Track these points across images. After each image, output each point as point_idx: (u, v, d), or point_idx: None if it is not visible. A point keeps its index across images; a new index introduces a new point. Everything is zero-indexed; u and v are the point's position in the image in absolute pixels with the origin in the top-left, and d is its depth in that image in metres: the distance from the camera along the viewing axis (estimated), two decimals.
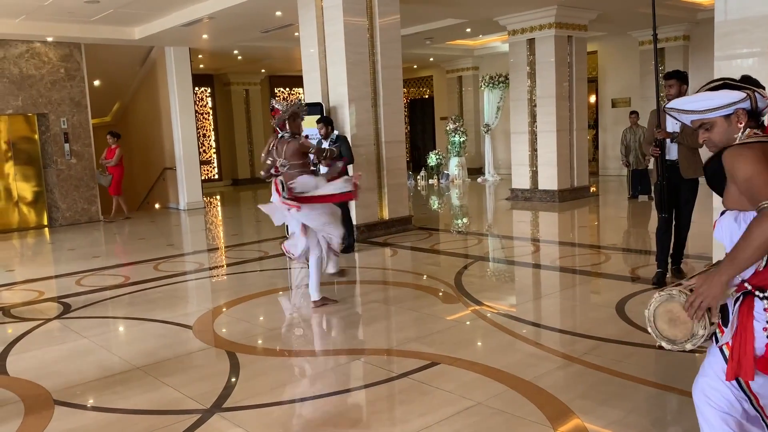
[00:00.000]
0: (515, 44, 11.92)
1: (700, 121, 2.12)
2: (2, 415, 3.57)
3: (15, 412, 3.58)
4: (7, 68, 11.28)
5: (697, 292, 1.98)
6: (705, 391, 2.10)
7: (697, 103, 2.10)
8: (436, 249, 7.91)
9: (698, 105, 2.09)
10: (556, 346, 4.22)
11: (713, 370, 2.09)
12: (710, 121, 2.09)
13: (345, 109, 8.54)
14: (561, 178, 11.66)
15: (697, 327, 1.99)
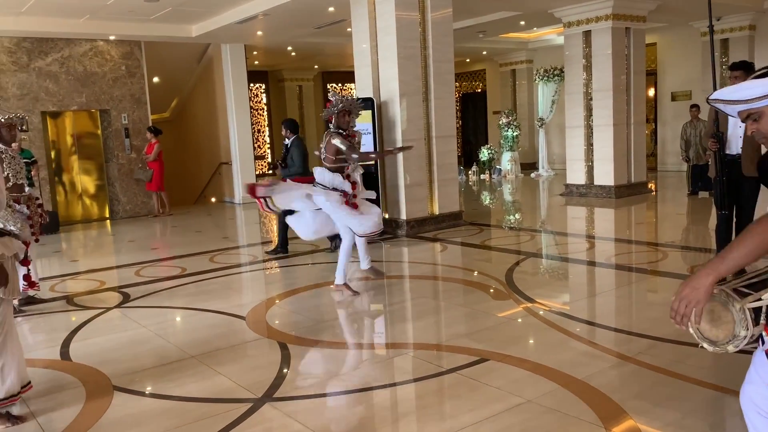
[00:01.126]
0: (571, 36, 11.67)
1: (747, 111, 1.96)
2: (65, 398, 3.72)
3: (77, 396, 3.73)
4: (72, 66, 11.72)
5: (679, 296, 1.84)
6: (753, 398, 1.98)
7: (741, 92, 1.93)
8: (487, 245, 7.84)
9: (742, 94, 1.93)
10: (610, 345, 4.13)
11: (759, 377, 1.96)
12: (758, 110, 1.92)
13: (396, 104, 8.54)
14: (618, 173, 11.37)
15: (738, 328, 1.85)
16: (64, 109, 11.91)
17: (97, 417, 3.45)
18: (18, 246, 3.45)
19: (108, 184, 12.70)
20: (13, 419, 3.41)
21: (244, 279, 6.98)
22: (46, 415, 3.50)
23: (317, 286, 6.42)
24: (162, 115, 16.28)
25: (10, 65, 11.14)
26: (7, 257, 3.33)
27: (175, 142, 16.27)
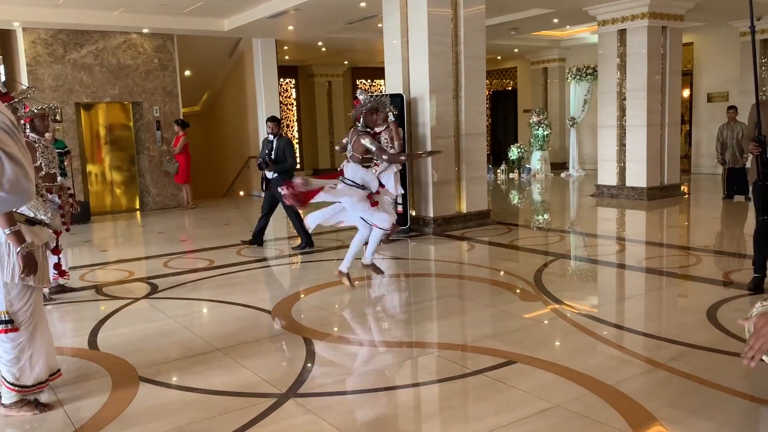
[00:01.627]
0: (605, 35, 11.48)
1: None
2: (92, 387, 3.75)
3: (104, 386, 3.76)
4: (106, 58, 11.87)
5: (758, 333, 1.75)
6: None
7: None
8: (515, 245, 7.75)
9: None
10: (641, 351, 4.03)
11: None
12: None
13: (426, 101, 8.47)
14: (650, 175, 11.16)
15: None
16: (98, 100, 12.07)
17: (122, 407, 3.47)
18: (48, 235, 3.48)
19: (139, 175, 12.85)
20: (41, 406, 3.45)
21: (270, 273, 6.99)
22: (72, 403, 3.53)
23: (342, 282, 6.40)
24: (193, 108, 16.42)
25: (46, 57, 11.32)
26: (38, 246, 3.37)
27: (205, 135, 16.41)
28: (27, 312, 3.34)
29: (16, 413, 3.41)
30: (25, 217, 3.34)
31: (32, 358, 3.39)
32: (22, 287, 3.30)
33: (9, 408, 3.42)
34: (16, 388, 3.39)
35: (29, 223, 3.34)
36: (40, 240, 3.38)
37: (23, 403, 3.42)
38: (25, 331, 3.35)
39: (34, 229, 3.35)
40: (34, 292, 3.36)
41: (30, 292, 3.34)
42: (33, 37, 11.18)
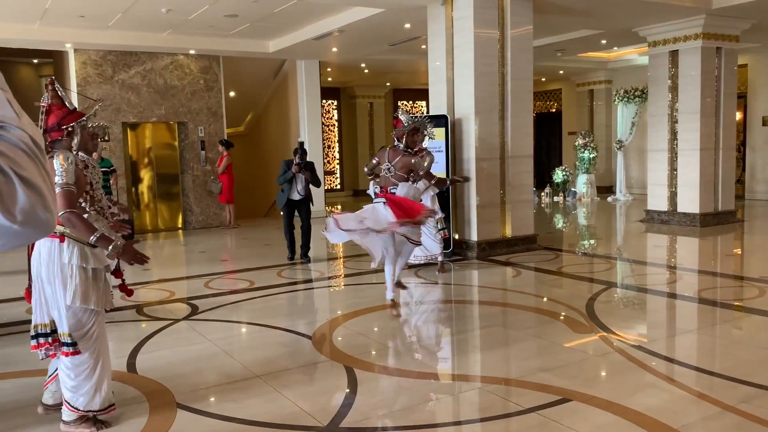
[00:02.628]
0: (656, 56, 11.16)
1: None
2: (129, 413, 3.65)
3: (140, 412, 3.65)
4: (154, 79, 12.06)
5: None
6: None
7: None
8: (563, 271, 7.47)
9: None
10: (706, 391, 3.74)
11: None
12: None
13: (471, 122, 8.30)
14: (703, 200, 10.74)
15: None
16: (144, 120, 12.25)
17: None
18: (107, 259, 3.44)
19: (182, 194, 12.96)
20: (99, 423, 3.41)
21: (311, 296, 6.87)
22: (108, 430, 3.42)
23: (383, 308, 6.24)
24: (237, 129, 16.58)
25: (95, 77, 11.56)
26: (100, 268, 3.34)
27: (248, 156, 16.53)
28: (92, 336, 3.34)
29: (74, 430, 3.37)
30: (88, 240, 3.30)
31: (96, 383, 3.37)
32: (87, 311, 3.29)
33: (68, 425, 3.39)
34: (78, 411, 3.36)
35: (92, 245, 3.29)
36: (101, 263, 3.35)
37: (82, 420, 3.38)
38: (90, 357, 3.33)
39: (95, 251, 3.31)
40: (98, 315, 3.35)
41: (94, 316, 3.33)
42: (84, 58, 11.43)
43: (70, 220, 3.14)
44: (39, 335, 3.32)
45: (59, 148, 3.32)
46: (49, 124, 3.35)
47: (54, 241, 3.24)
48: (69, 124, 3.37)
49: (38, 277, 3.29)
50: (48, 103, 3.39)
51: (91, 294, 3.26)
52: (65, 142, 3.38)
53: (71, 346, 3.28)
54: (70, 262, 3.21)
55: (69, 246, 3.23)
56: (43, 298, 3.30)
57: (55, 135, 3.36)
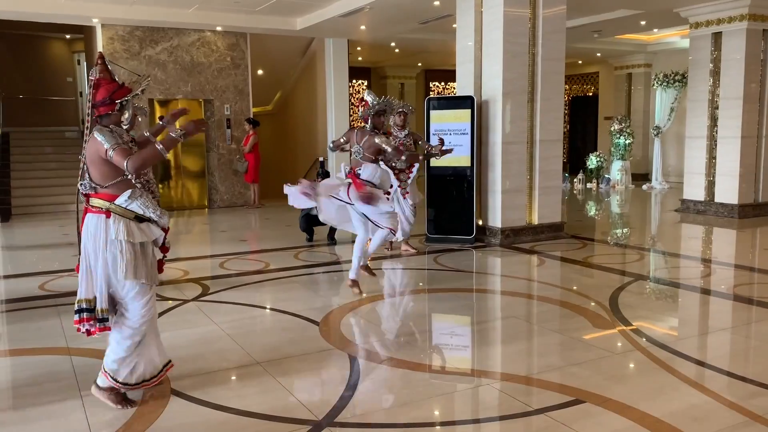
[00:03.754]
0: (698, 38, 10.64)
1: None
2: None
3: (133, 396, 3.53)
4: (180, 56, 11.97)
5: None
6: None
7: None
8: (589, 262, 7.16)
9: None
10: (733, 397, 3.46)
11: None
12: None
13: (498, 104, 7.99)
14: (743, 191, 10.25)
15: None
16: (171, 97, 12.19)
17: (148, 423, 3.23)
18: (157, 232, 3.40)
19: (208, 173, 12.91)
20: (125, 402, 3.41)
21: (325, 280, 6.70)
22: (98, 416, 3.31)
23: (400, 294, 6.06)
24: (265, 107, 16.47)
25: (122, 53, 11.51)
26: (148, 242, 3.34)
27: (276, 135, 16.42)
28: (142, 311, 3.33)
29: (103, 398, 3.40)
30: (135, 214, 3.29)
31: (138, 359, 3.39)
32: (140, 287, 3.29)
33: (100, 391, 3.42)
34: (116, 383, 3.37)
35: (138, 220, 3.30)
36: (149, 237, 3.33)
37: (113, 392, 3.40)
38: (138, 332, 3.36)
39: (142, 226, 3.31)
40: (149, 291, 3.36)
41: (144, 292, 3.33)
42: (111, 33, 11.38)
43: (134, 161, 3.15)
44: (83, 310, 3.32)
45: (107, 123, 3.32)
46: (98, 99, 3.33)
47: (100, 217, 3.25)
48: (121, 98, 3.32)
49: (85, 252, 3.30)
50: (97, 77, 3.37)
51: (141, 268, 3.26)
52: (114, 117, 3.36)
53: (103, 322, 3.31)
54: (117, 238, 3.21)
55: (115, 221, 3.23)
56: (89, 273, 3.30)
57: (103, 110, 3.33)
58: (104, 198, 3.26)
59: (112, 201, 3.26)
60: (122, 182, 3.28)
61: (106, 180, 3.26)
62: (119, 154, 3.15)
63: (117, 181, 3.26)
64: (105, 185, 3.26)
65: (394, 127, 7.55)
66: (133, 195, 3.27)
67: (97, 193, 3.29)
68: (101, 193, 3.28)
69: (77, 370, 3.94)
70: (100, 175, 3.26)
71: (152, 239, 3.36)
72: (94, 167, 3.27)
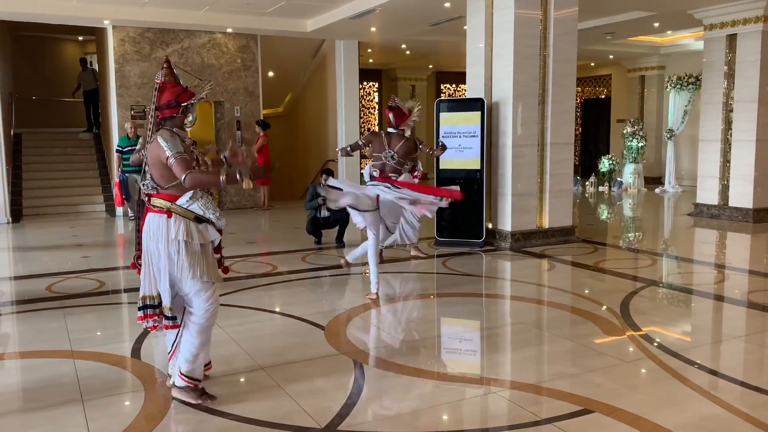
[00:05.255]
0: (712, 40, 10.50)
1: None
2: (123, 403, 3.51)
3: (136, 401, 3.50)
4: (191, 57, 11.97)
5: None
6: None
7: None
8: (601, 267, 7.06)
9: None
10: (748, 409, 3.36)
11: None
12: None
13: (508, 106, 7.91)
14: (758, 195, 10.09)
15: None
16: None
17: (149, 429, 3.19)
18: (213, 234, 3.41)
19: None
20: (205, 396, 3.46)
21: (332, 283, 6.64)
22: (99, 421, 3.27)
23: (408, 299, 6.00)
24: (276, 109, 16.46)
25: (133, 54, 11.53)
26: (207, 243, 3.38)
27: (287, 137, 16.41)
28: (205, 306, 3.38)
29: (184, 397, 3.44)
30: (194, 215, 3.33)
31: (205, 354, 3.50)
32: (201, 284, 3.33)
33: (180, 391, 3.47)
34: (192, 382, 3.46)
35: (197, 221, 3.34)
36: (206, 239, 3.37)
37: (191, 390, 3.46)
38: (204, 328, 3.41)
39: (201, 227, 3.35)
40: (211, 288, 3.38)
41: (206, 288, 3.36)
42: (122, 35, 11.40)
43: (193, 179, 3.19)
44: (147, 306, 3.41)
45: (170, 126, 3.38)
46: (162, 102, 3.40)
47: (162, 217, 3.31)
48: (186, 101, 3.38)
49: (147, 251, 3.36)
50: (162, 80, 3.44)
51: (198, 267, 3.30)
52: (178, 120, 3.41)
53: (172, 320, 3.42)
54: (177, 238, 3.26)
55: (175, 222, 3.29)
56: (151, 271, 3.36)
57: (168, 112, 3.39)
58: (165, 198, 3.32)
59: (173, 201, 3.31)
60: (182, 184, 3.30)
61: (167, 182, 3.31)
62: (180, 165, 3.19)
63: (177, 182, 3.28)
64: (165, 186, 3.33)
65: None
66: (195, 196, 3.31)
67: (158, 193, 3.35)
68: (162, 193, 3.34)
69: (80, 374, 3.90)
70: (160, 177, 3.33)
71: (209, 241, 3.38)
72: (155, 169, 3.33)
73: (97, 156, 13.55)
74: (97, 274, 6.84)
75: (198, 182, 3.21)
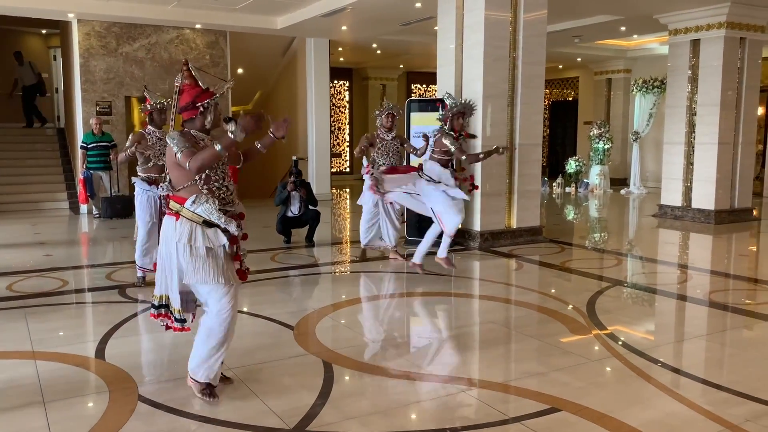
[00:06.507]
0: (676, 45, 10.72)
1: None
2: (86, 405, 3.43)
3: (99, 403, 3.43)
4: (158, 53, 11.80)
5: None
6: None
7: None
8: (567, 267, 7.15)
9: None
10: (709, 406, 3.44)
11: None
12: None
13: (479, 107, 7.95)
14: (719, 197, 10.34)
15: None
16: None
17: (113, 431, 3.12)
18: (223, 239, 3.35)
19: None
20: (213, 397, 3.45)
21: (302, 282, 6.61)
22: (61, 423, 3.20)
23: (379, 298, 6.00)
24: (245, 107, 16.31)
25: (99, 49, 11.31)
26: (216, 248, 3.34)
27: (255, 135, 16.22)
28: (217, 308, 3.35)
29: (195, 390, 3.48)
30: (202, 219, 3.31)
31: (218, 357, 3.43)
32: (213, 286, 3.32)
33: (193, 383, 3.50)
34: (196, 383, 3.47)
35: (206, 225, 3.31)
36: (213, 243, 3.32)
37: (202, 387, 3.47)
38: (218, 332, 3.37)
39: (209, 231, 3.32)
40: (223, 291, 3.33)
41: (218, 291, 3.33)
42: (87, 29, 11.18)
43: (195, 161, 3.16)
44: (161, 306, 3.46)
45: (191, 128, 3.40)
46: (181, 104, 3.42)
47: (172, 219, 3.34)
48: (202, 102, 3.38)
49: (160, 251, 3.41)
50: (181, 83, 3.46)
51: (204, 271, 3.27)
52: (198, 122, 3.42)
53: (181, 322, 3.43)
54: (180, 241, 3.27)
55: (180, 225, 3.30)
56: (164, 272, 3.40)
57: (187, 115, 3.41)
58: (177, 201, 3.35)
59: (183, 204, 3.32)
60: (191, 186, 3.32)
61: (180, 183, 3.34)
62: (185, 156, 3.19)
63: (187, 185, 3.31)
64: (178, 189, 3.36)
65: (381, 128, 7.37)
66: (198, 200, 3.29)
67: (173, 195, 3.39)
68: (175, 196, 3.37)
69: (41, 375, 3.80)
70: (175, 179, 3.36)
71: (217, 246, 3.32)
72: (171, 171, 3.36)
73: (61, 152, 13.26)
74: (60, 272, 6.70)
75: (200, 162, 3.16)
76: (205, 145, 3.36)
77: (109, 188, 10.91)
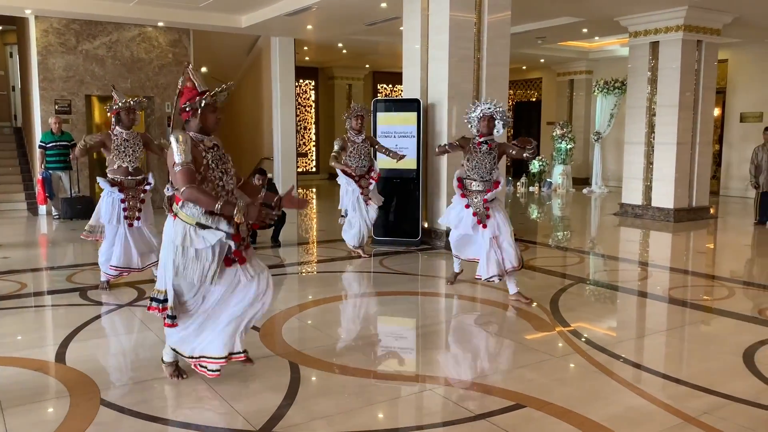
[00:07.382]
0: (636, 47, 10.95)
1: None
2: (46, 411, 3.36)
3: (59, 409, 3.35)
4: (120, 51, 11.58)
5: None
6: None
7: None
8: (531, 264, 7.24)
9: None
10: (669, 400, 3.53)
11: None
12: None
13: (444, 107, 8.02)
14: (678, 195, 10.60)
15: None
16: (109, 93, 11.73)
17: None
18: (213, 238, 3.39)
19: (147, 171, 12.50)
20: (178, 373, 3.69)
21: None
22: (19, 430, 3.12)
23: (345, 298, 5.99)
24: None
25: (58, 46, 11.05)
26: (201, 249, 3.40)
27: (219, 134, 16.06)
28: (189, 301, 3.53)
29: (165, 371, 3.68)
30: (196, 221, 3.37)
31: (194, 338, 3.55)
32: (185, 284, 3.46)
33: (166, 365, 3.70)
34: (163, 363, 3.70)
35: (200, 226, 3.37)
36: (205, 244, 3.37)
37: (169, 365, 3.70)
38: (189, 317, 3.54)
39: (203, 233, 3.37)
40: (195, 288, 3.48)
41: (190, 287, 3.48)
42: (45, 25, 10.91)
43: (190, 194, 3.26)
44: (153, 299, 3.55)
45: (190, 129, 3.47)
46: (180, 105, 3.50)
47: (170, 218, 3.45)
48: (193, 102, 3.44)
49: (162, 249, 3.50)
50: (182, 85, 3.54)
51: (190, 269, 3.37)
52: (193, 123, 3.47)
53: (171, 319, 3.50)
54: (174, 242, 3.36)
55: (176, 225, 3.38)
56: (163, 268, 3.49)
57: (185, 116, 3.49)
58: (176, 201, 3.43)
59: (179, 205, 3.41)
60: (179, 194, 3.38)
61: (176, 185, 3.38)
62: (182, 175, 3.25)
63: None
64: (177, 189, 3.38)
65: (350, 131, 7.37)
66: (186, 203, 3.36)
67: (174, 195, 3.45)
68: (176, 195, 3.42)
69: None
70: (173, 179, 3.38)
71: (208, 245, 3.36)
72: (170, 171, 3.37)
73: (19, 152, 12.92)
74: (18, 275, 6.53)
75: (194, 199, 3.28)
76: (204, 148, 3.42)
77: (69, 189, 10.67)
